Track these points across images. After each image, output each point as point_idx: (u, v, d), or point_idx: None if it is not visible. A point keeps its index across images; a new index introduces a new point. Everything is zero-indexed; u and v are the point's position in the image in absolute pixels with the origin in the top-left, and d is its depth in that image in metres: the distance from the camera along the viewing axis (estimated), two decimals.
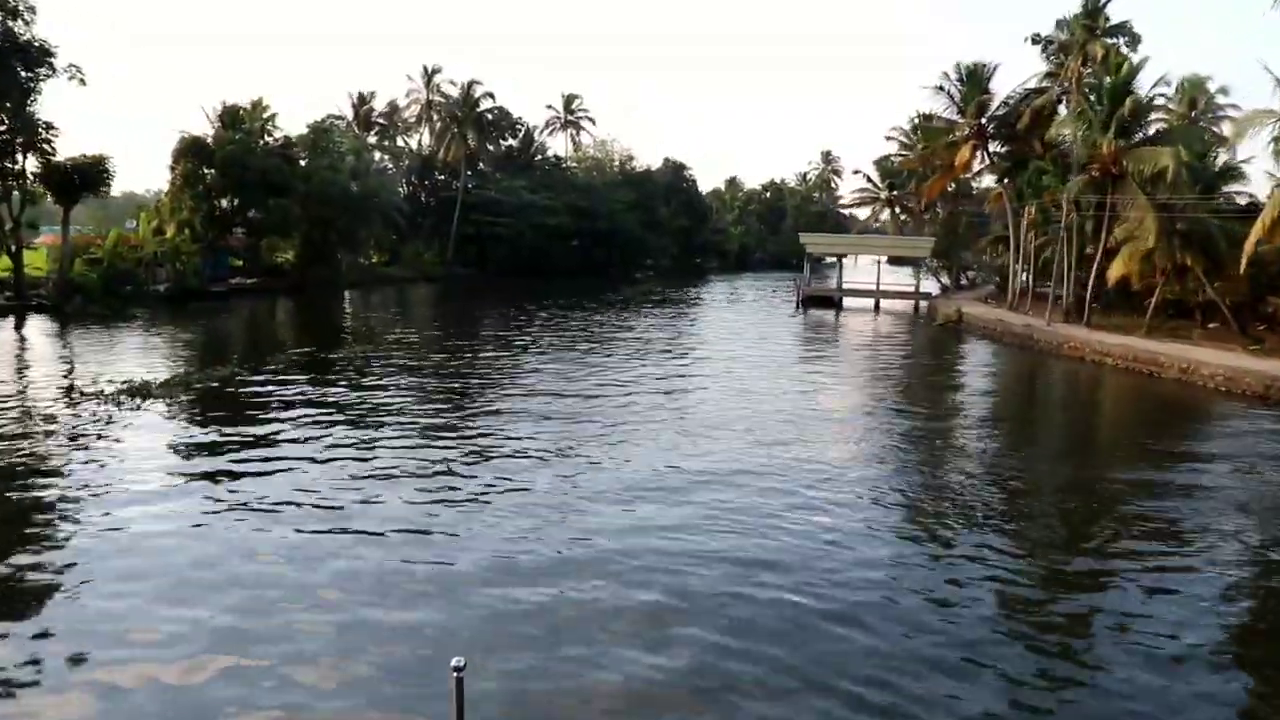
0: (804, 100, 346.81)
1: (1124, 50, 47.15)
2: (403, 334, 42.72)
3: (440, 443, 20.63)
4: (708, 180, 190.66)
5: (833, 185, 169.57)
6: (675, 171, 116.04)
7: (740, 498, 16.69)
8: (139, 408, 23.36)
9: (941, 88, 54.18)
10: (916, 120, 78.95)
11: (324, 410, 23.80)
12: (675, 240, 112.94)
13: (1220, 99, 51.67)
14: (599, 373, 30.63)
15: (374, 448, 19.89)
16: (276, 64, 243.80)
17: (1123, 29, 48.61)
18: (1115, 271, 43.30)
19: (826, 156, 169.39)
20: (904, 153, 79.31)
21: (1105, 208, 40.70)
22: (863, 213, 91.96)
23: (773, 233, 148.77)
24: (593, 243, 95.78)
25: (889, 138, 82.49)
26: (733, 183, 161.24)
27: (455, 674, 6.46)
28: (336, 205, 64.78)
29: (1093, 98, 46.34)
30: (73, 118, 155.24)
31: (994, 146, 54.88)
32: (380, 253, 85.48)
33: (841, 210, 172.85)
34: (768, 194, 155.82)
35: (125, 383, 25.66)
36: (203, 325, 44.77)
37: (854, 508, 16.51)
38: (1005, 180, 54.43)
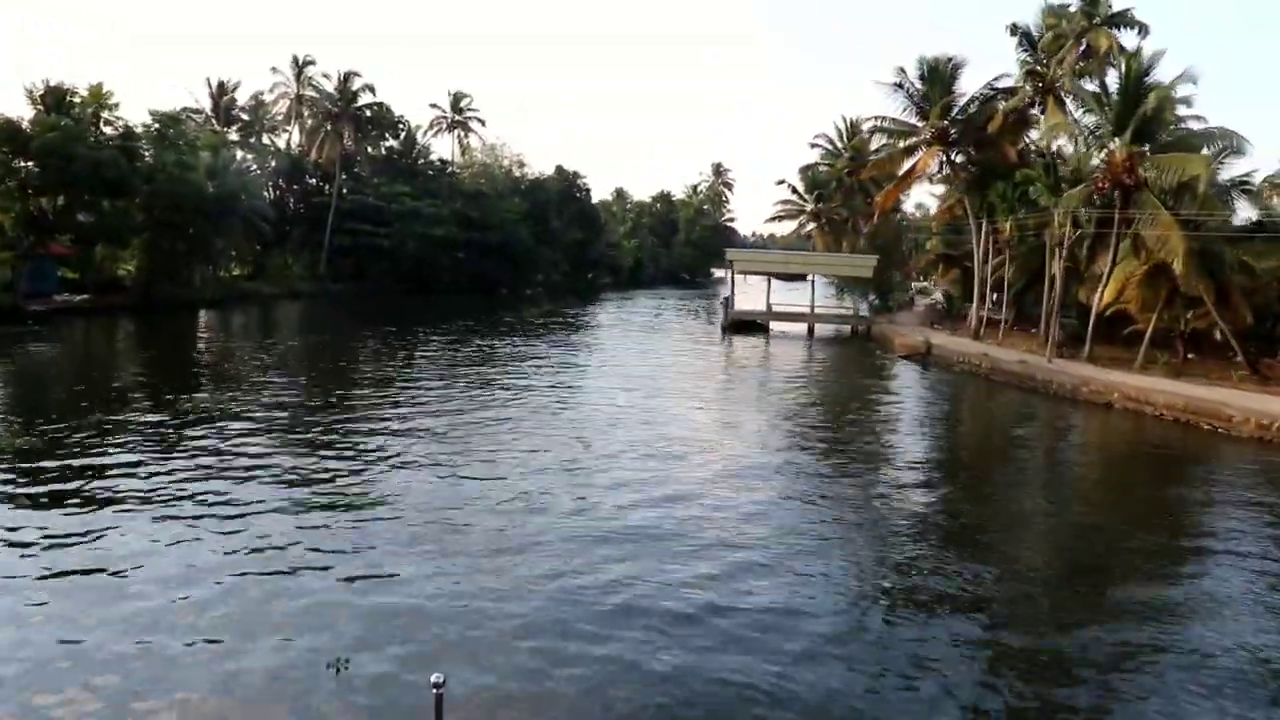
0: (692, 107, 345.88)
1: (1129, 43, 41.95)
2: (265, 373, 33.37)
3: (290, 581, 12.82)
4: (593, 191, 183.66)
5: (724, 199, 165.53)
6: (569, 180, 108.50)
7: None
8: None
9: (900, 85, 48.16)
10: (844, 125, 74.06)
11: (148, 519, 15.41)
12: (568, 254, 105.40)
13: (1183, 110, 47.45)
14: (494, 446, 21.89)
15: (215, 600, 11.99)
16: (126, 59, 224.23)
17: (1125, 18, 43.42)
18: (1108, 297, 38.28)
19: (718, 169, 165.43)
20: (830, 161, 74.12)
21: (1114, 224, 35.18)
22: (786, 227, 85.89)
23: (664, 246, 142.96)
24: (482, 255, 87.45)
25: (813, 144, 77.29)
26: (620, 194, 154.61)
27: (435, 690, 6.41)
28: (188, 209, 54.74)
29: (1072, 98, 41.39)
30: None
31: (953, 154, 49.03)
32: (243, 265, 75.18)
33: (729, 224, 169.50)
34: (658, 206, 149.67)
35: None
36: (6, 359, 34.75)
37: None
38: (970, 191, 48.58)
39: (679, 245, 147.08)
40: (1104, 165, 35.76)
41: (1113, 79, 40.03)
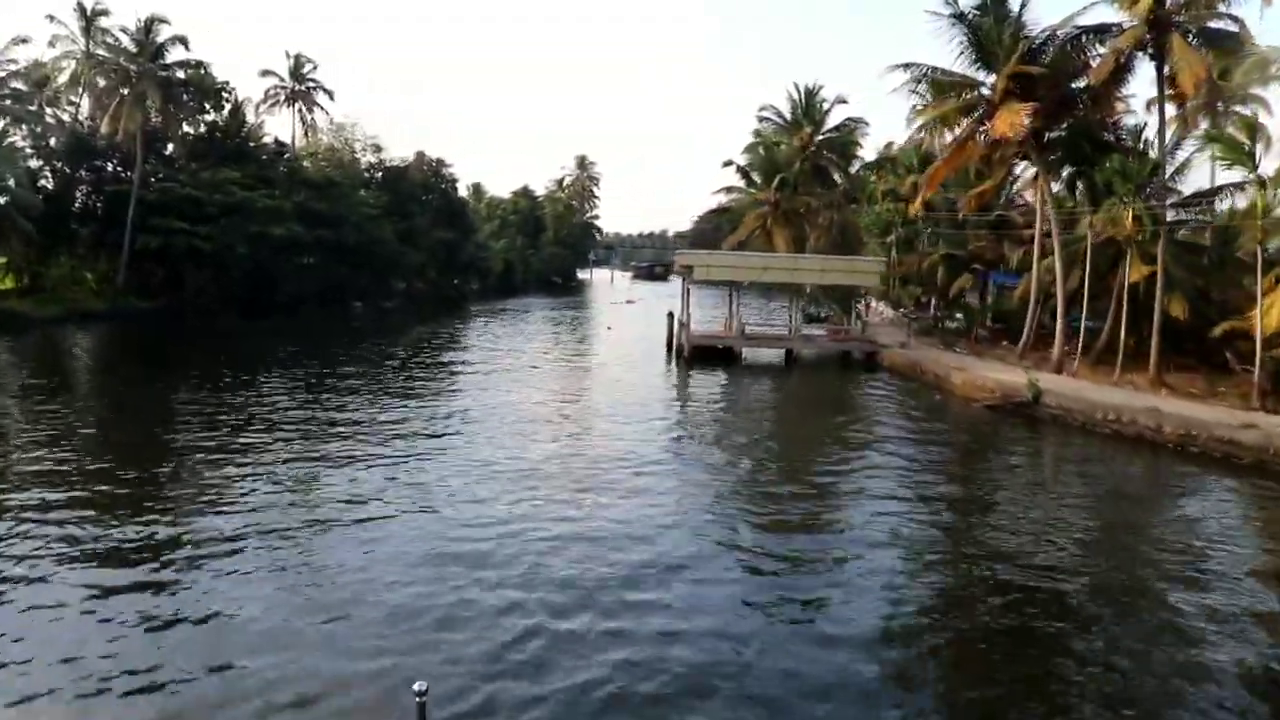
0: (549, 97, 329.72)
1: None
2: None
3: None
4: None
5: (591, 194, 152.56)
6: (432, 169, 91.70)
7: None
8: None
9: (960, 17, 34.79)
10: (799, 95, 61.47)
11: None
12: (433, 257, 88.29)
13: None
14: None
15: None
16: None
17: None
18: None
19: (582, 162, 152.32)
20: (782, 139, 61.40)
21: None
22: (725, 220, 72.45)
23: (532, 247, 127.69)
24: (333, 260, 70.14)
25: (762, 116, 64.29)
26: (478, 190, 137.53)
27: (418, 699, 6.57)
28: None
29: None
30: None
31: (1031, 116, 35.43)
32: (15, 276, 56.00)
33: (592, 223, 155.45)
34: (522, 202, 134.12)
35: None
36: None
37: None
38: (1054, 168, 35.76)
39: (547, 245, 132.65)
40: None
41: None
